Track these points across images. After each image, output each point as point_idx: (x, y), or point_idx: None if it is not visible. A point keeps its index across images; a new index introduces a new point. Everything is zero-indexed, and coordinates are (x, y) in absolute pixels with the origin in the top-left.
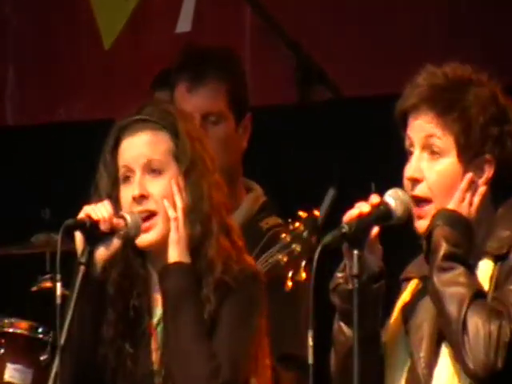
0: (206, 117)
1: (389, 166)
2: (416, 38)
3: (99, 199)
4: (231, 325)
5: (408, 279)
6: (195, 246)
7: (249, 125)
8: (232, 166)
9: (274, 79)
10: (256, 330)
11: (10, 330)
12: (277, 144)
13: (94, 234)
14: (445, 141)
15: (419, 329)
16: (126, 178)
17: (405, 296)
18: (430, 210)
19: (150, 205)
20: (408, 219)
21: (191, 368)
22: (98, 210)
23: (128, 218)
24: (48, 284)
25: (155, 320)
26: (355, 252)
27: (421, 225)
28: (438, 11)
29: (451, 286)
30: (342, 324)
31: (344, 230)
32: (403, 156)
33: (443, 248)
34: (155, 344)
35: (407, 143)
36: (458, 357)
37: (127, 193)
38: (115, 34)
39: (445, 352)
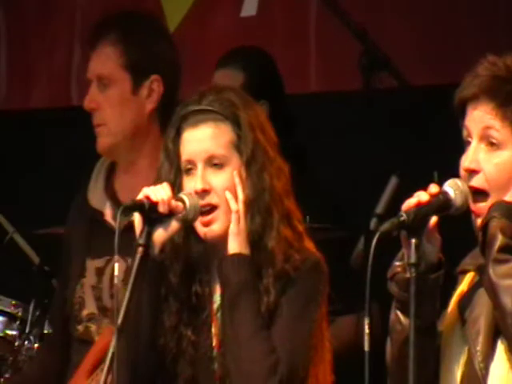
0: (99, 80)
1: (451, 155)
2: (484, 27)
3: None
4: (290, 317)
5: (464, 272)
6: (255, 238)
7: (156, 87)
8: (134, 130)
9: (339, 65)
10: (315, 322)
11: None
12: (341, 129)
13: (153, 215)
14: (503, 133)
15: (476, 322)
16: (189, 170)
17: (461, 288)
18: (486, 206)
19: (212, 198)
20: (467, 209)
21: (249, 363)
22: (157, 192)
23: (187, 200)
24: None
25: (215, 306)
26: (413, 240)
27: (478, 222)
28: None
29: (507, 278)
30: (399, 313)
31: (402, 219)
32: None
33: (499, 240)
34: (216, 329)
35: (464, 133)
36: None
37: (189, 185)
38: (180, 16)
39: (501, 347)
